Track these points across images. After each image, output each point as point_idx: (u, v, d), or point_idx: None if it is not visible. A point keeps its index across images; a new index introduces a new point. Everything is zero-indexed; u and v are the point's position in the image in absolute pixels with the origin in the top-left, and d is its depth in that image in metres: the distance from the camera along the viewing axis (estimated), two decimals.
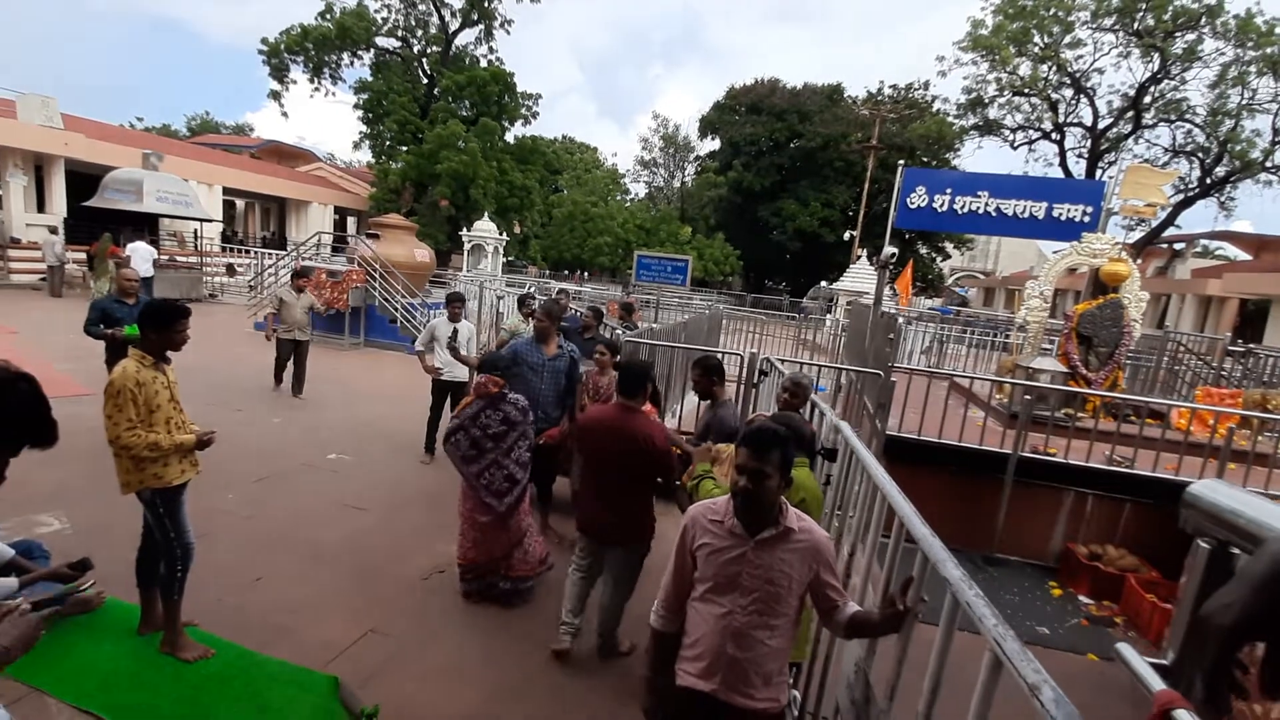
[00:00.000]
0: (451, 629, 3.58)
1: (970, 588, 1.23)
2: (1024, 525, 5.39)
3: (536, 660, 3.39)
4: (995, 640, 1.07)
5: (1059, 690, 0.93)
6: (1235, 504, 0.71)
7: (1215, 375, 9.28)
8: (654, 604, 1.99)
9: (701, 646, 1.81)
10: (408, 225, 16.28)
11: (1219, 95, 18.24)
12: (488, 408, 3.77)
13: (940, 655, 1.36)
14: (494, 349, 5.67)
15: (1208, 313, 23.78)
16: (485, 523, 3.78)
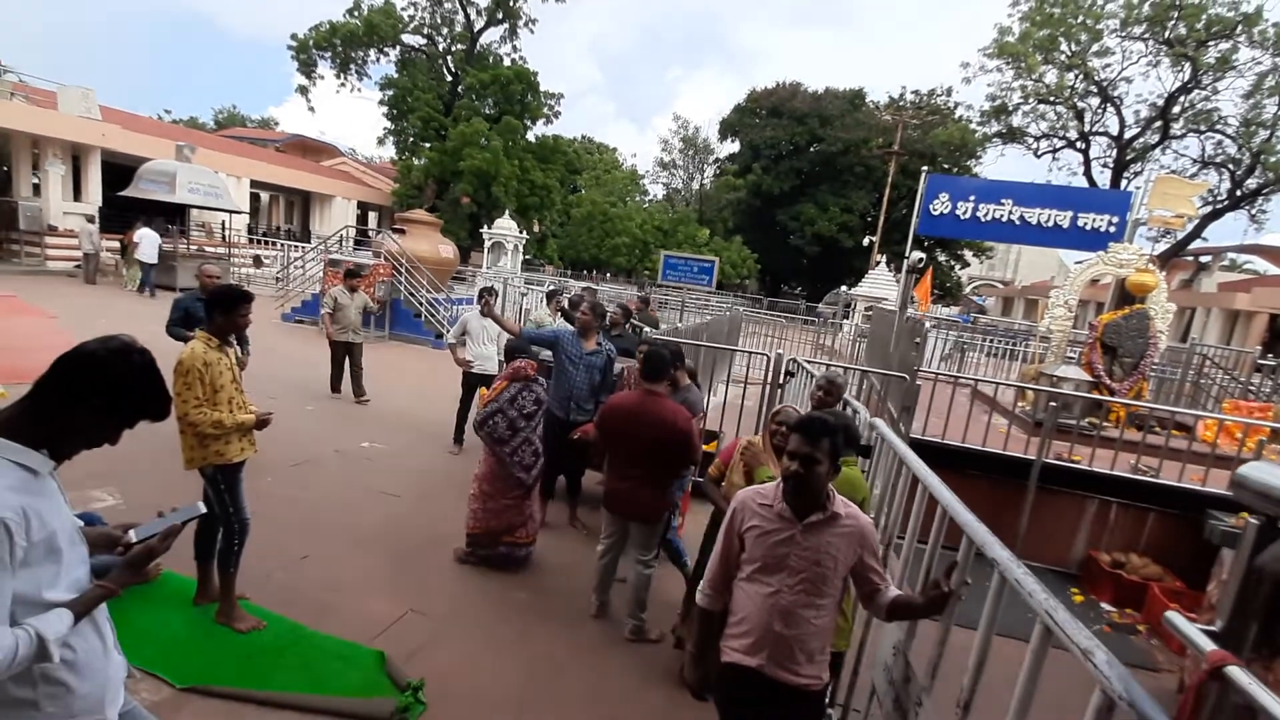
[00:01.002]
0: (487, 610, 3.70)
1: (1019, 566, 1.32)
2: (1046, 531, 5.42)
3: (569, 641, 3.51)
4: (1047, 611, 1.16)
5: (1110, 654, 1.02)
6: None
7: (1243, 389, 9.21)
8: (700, 584, 2.09)
9: (749, 624, 1.91)
10: (433, 221, 16.53)
11: (1254, 105, 17.99)
12: (524, 390, 4.00)
13: (987, 630, 1.45)
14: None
15: (1234, 327, 23.43)
16: (511, 497, 4.02)
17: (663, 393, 3.46)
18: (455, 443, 6.46)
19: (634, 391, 3.57)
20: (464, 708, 2.92)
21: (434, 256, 14.85)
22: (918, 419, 5.62)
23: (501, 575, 4.14)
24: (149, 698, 2.75)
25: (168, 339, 4.77)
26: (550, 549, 4.60)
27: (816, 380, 3.32)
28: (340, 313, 7.62)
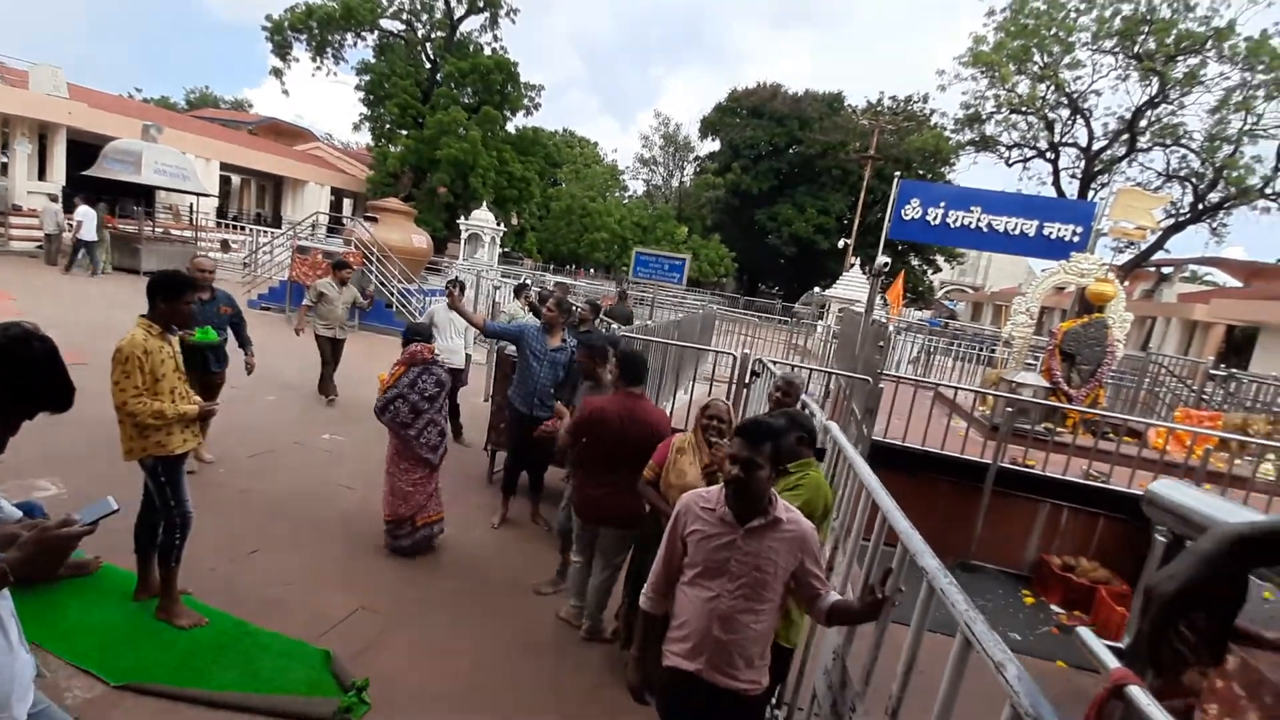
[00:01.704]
0: (440, 608, 3.66)
1: (945, 576, 1.33)
2: (1000, 534, 5.53)
3: (523, 639, 3.48)
4: (965, 623, 1.17)
5: (1022, 668, 1.02)
6: (1189, 500, 0.78)
7: (1196, 398, 9.50)
8: (644, 586, 2.08)
9: (689, 628, 1.90)
10: (406, 210, 16.27)
11: (1219, 120, 18.52)
12: (423, 373, 4.10)
13: (915, 637, 1.46)
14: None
15: (1192, 337, 24.18)
16: (418, 478, 4.13)
17: (643, 394, 3.45)
18: None
19: (613, 395, 3.52)
20: (411, 707, 2.88)
21: (406, 246, 14.63)
22: (881, 421, 5.69)
23: (459, 570, 4.10)
24: (82, 695, 2.66)
25: (125, 325, 4.58)
26: (510, 545, 4.57)
27: (774, 381, 3.33)
28: (326, 306, 7.08)
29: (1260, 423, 6.55)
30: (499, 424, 5.47)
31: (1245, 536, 0.69)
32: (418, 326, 4.41)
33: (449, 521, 4.40)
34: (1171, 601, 0.69)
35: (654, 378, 7.22)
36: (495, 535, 4.70)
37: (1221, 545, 0.69)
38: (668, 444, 2.92)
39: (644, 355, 3.58)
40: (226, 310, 4.99)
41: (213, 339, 4.63)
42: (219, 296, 4.95)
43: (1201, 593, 0.67)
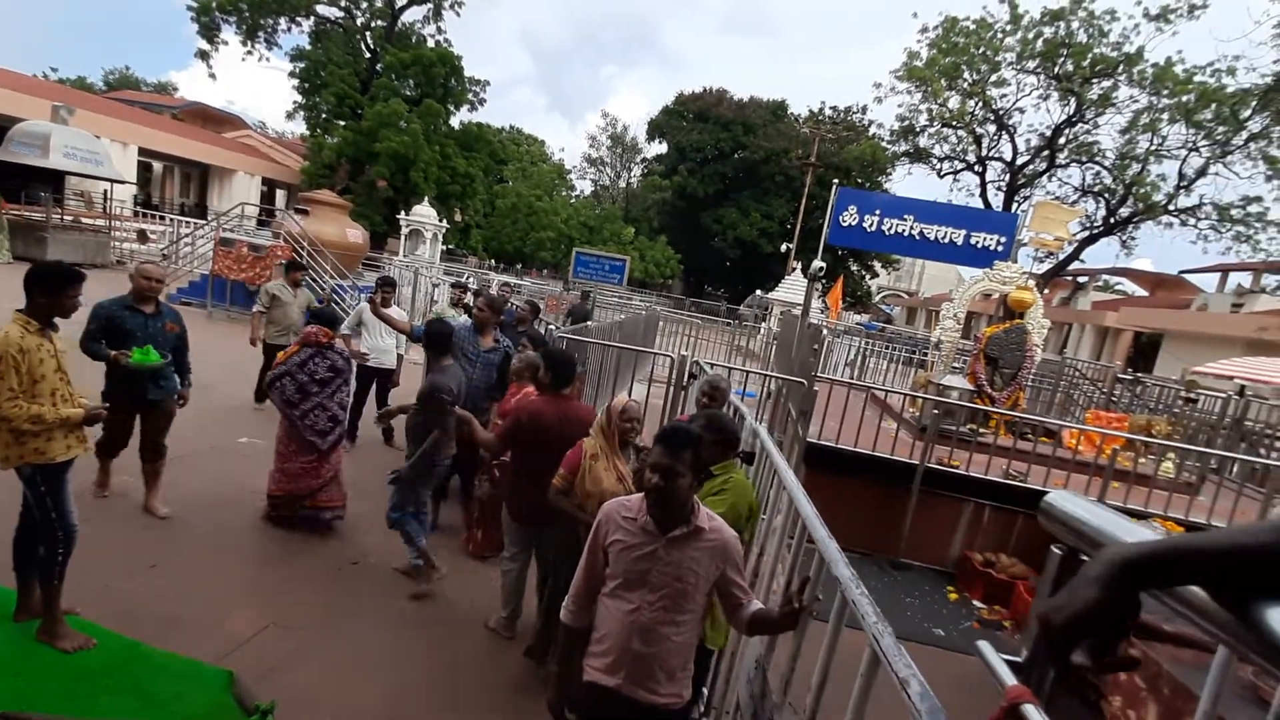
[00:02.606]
0: (359, 622, 3.48)
1: (857, 586, 1.31)
2: (927, 532, 5.71)
3: (452, 655, 3.34)
4: (873, 636, 1.15)
5: (926, 685, 1.01)
6: (1082, 513, 0.79)
7: (1106, 400, 10.10)
8: (564, 599, 2.01)
9: (609, 642, 1.84)
10: (341, 203, 15.70)
11: (1129, 140, 19.83)
12: (315, 355, 4.11)
13: (829, 649, 1.44)
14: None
15: (1104, 343, 25.82)
16: (305, 460, 4.15)
17: (574, 395, 3.39)
18: (347, 439, 6.09)
19: (544, 398, 3.44)
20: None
21: (341, 241, 14.11)
22: (816, 423, 5.79)
23: (381, 582, 3.92)
24: None
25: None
26: (439, 554, 4.39)
27: (700, 385, 3.31)
28: (279, 311, 6.50)
29: (1162, 424, 7.00)
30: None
31: (1133, 561, 0.68)
32: (320, 310, 4.40)
33: (376, 530, 4.21)
34: (1064, 630, 0.67)
35: (594, 379, 7.15)
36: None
37: (1111, 571, 0.68)
38: (578, 450, 2.80)
39: (573, 356, 3.50)
40: (173, 328, 4.19)
41: (155, 361, 3.89)
42: (165, 312, 4.17)
43: (1092, 620, 0.66)
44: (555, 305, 16.57)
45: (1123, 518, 0.87)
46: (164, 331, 4.12)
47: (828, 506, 5.77)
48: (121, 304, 3.97)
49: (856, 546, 5.77)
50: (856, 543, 5.77)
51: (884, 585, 5.41)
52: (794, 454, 5.55)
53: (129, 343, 3.85)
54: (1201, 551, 0.67)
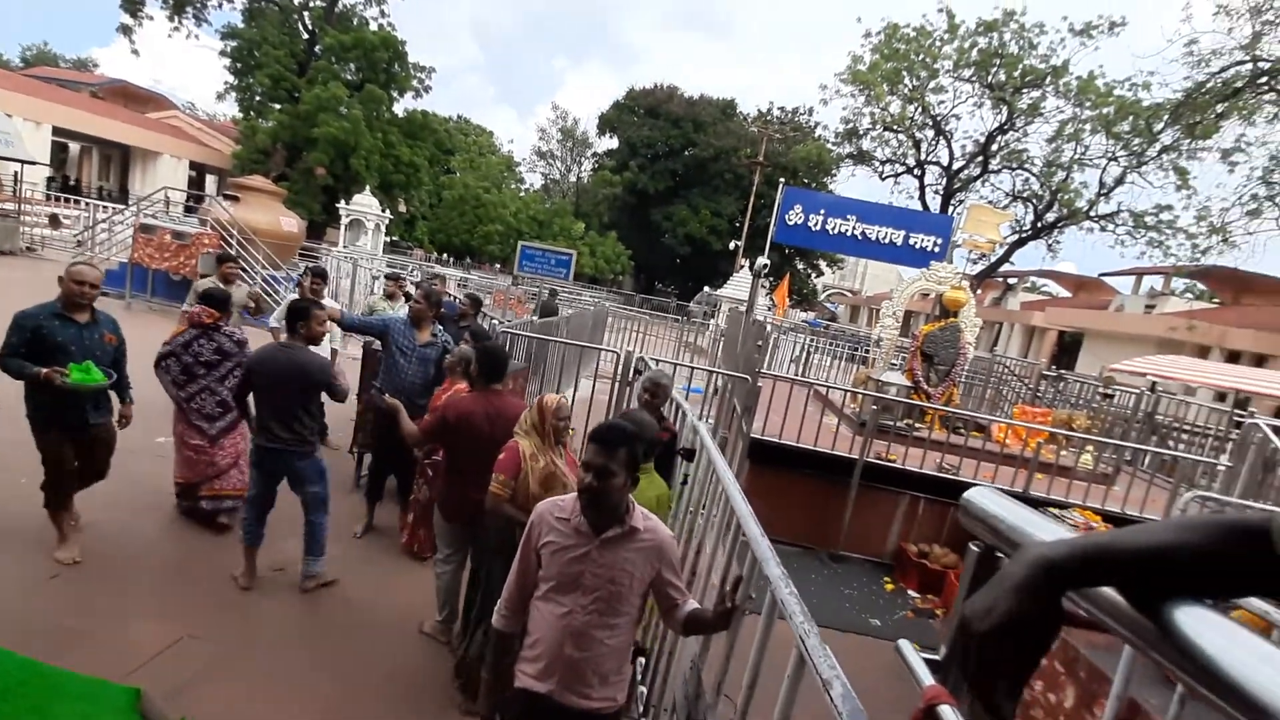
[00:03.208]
0: (283, 631, 3.31)
1: (786, 586, 1.29)
2: (866, 525, 5.85)
3: (378, 663, 3.21)
4: (799, 636, 1.13)
5: (848, 687, 0.99)
6: (999, 510, 0.79)
7: (1032, 396, 10.60)
8: (497, 604, 1.95)
9: (541, 647, 1.79)
10: (274, 190, 14.99)
11: (1055, 149, 20.90)
12: (200, 337, 4.02)
13: (759, 649, 1.42)
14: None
15: (1032, 341, 27.18)
16: (195, 445, 4.07)
17: (511, 391, 3.30)
18: None
19: (475, 395, 3.34)
20: None
21: (274, 230, 13.46)
22: (760, 418, 5.85)
23: (300, 590, 3.73)
24: None
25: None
26: (374, 557, 4.24)
27: (642, 381, 3.27)
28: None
29: (1081, 418, 7.39)
30: (365, 425, 5.09)
31: (1055, 563, 0.66)
32: (210, 291, 4.28)
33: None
34: (989, 638, 0.64)
35: (540, 374, 7.04)
36: (358, 547, 4.35)
37: (1033, 574, 0.66)
38: (514, 453, 2.68)
39: (504, 350, 3.42)
40: (111, 339, 3.60)
41: (97, 380, 3.37)
42: (101, 320, 3.57)
43: (1019, 626, 0.63)
44: (503, 300, 16.29)
45: (1038, 515, 0.87)
46: (103, 344, 3.53)
47: (771, 501, 5.83)
48: (49, 312, 3.35)
49: (799, 540, 5.87)
50: (799, 536, 5.87)
51: (824, 578, 5.51)
52: (738, 449, 5.60)
53: (62, 359, 3.28)
54: (1122, 551, 0.66)
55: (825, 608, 4.93)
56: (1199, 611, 0.59)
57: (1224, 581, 0.69)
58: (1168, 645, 0.59)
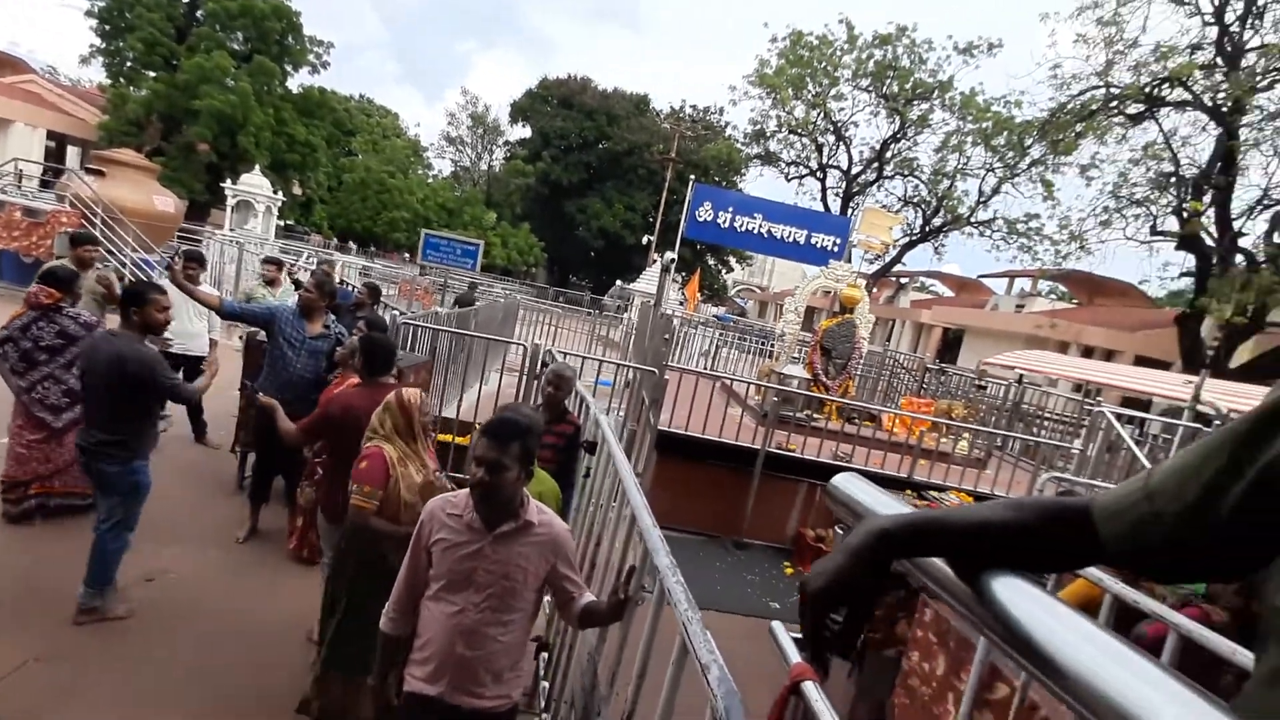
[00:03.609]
0: (147, 650, 3.03)
1: (674, 574, 1.33)
2: (768, 512, 6.10)
3: (261, 673, 3.00)
4: (682, 624, 1.17)
5: (725, 669, 1.03)
6: (859, 494, 0.86)
7: (918, 387, 11.40)
8: (385, 607, 1.87)
9: (431, 648, 1.74)
10: (147, 165, 13.67)
11: (941, 158, 22.50)
12: (40, 319, 3.73)
13: (648, 638, 1.45)
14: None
15: (920, 337, 29.21)
16: (36, 440, 3.77)
17: (392, 383, 3.14)
18: None
19: (361, 389, 3.19)
20: None
21: (146, 209, 12.28)
22: (668, 411, 5.95)
23: (188, 598, 3.45)
24: None
25: None
26: (259, 564, 3.96)
27: (545, 375, 3.25)
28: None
29: (959, 408, 8.02)
30: (249, 421, 4.74)
31: (888, 531, 0.73)
32: (52, 269, 3.97)
33: (181, 539, 3.71)
34: (819, 597, 0.70)
35: (445, 368, 6.82)
36: (241, 553, 4.05)
37: (867, 540, 0.72)
38: (380, 460, 2.41)
39: (390, 341, 3.29)
40: None
41: None
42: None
43: (846, 585, 0.70)
44: (409, 290, 15.63)
45: (892, 497, 0.93)
46: None
47: (678, 492, 5.93)
48: None
49: (705, 529, 6.03)
50: (705, 525, 6.03)
51: (728, 565, 5.70)
52: (646, 441, 5.67)
53: None
54: (948, 524, 0.74)
55: (729, 593, 5.09)
56: (1010, 580, 0.66)
57: (1043, 556, 0.77)
58: (983, 609, 0.65)
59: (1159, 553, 0.66)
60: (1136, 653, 0.53)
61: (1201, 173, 14.51)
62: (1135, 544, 0.67)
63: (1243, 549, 0.62)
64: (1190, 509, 0.63)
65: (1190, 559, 0.66)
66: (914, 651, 3.18)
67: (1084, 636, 0.56)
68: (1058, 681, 0.55)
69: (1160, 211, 15.59)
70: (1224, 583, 2.78)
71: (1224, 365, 13.11)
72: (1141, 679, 0.50)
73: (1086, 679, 0.52)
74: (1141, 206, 15.86)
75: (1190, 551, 0.64)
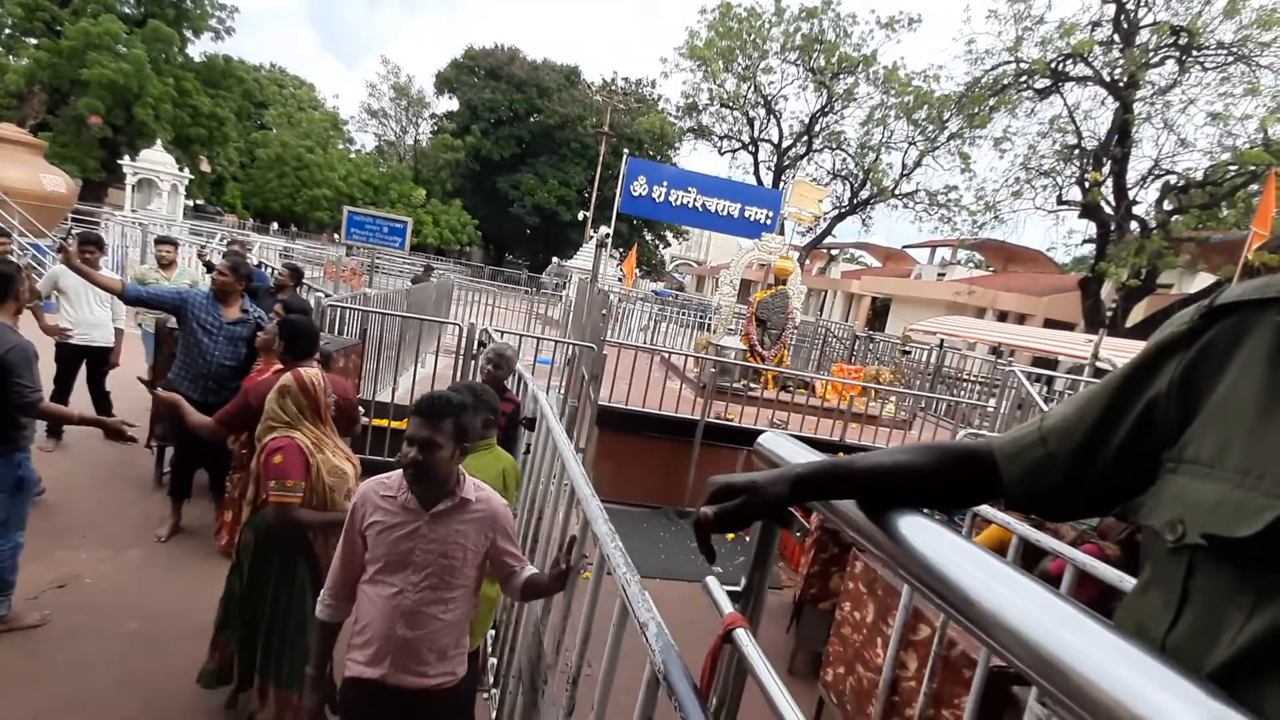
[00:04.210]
0: (69, 660, 2.87)
1: (612, 540, 1.36)
2: (709, 481, 6.25)
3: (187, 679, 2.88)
4: (621, 586, 1.20)
5: (663, 626, 1.07)
6: (783, 451, 0.92)
7: (849, 355, 11.86)
8: (320, 593, 1.84)
9: (371, 632, 1.72)
10: (32, 141, 12.49)
11: (866, 132, 23.11)
12: None
13: (590, 603, 1.49)
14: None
15: (851, 306, 30.25)
16: None
17: (314, 366, 3.03)
18: (49, 435, 4.94)
19: (278, 376, 3.08)
20: None
21: (33, 189, 11.25)
22: (607, 386, 5.98)
23: (108, 604, 3.26)
24: None
25: None
26: (182, 563, 3.79)
27: (485, 354, 3.21)
28: None
29: (886, 373, 8.40)
30: (164, 415, 4.48)
31: (801, 476, 0.82)
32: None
33: (90, 543, 3.49)
34: (719, 491, 0.82)
35: (378, 351, 6.61)
36: (162, 552, 3.86)
37: (778, 481, 0.80)
38: (296, 451, 2.27)
39: (312, 323, 3.15)
40: None
41: None
42: None
43: (745, 500, 0.79)
44: (334, 272, 14.96)
45: (814, 453, 0.99)
46: None
47: (621, 465, 6.00)
48: None
49: (648, 500, 6.13)
50: (648, 496, 6.13)
51: (672, 534, 5.83)
52: (587, 416, 5.70)
53: None
54: (853, 469, 0.81)
55: (673, 561, 5.22)
56: (913, 518, 0.72)
57: (944, 494, 0.85)
58: (891, 545, 0.71)
59: (1052, 491, 0.73)
60: (1024, 576, 0.60)
61: (1101, 145, 15.50)
62: (1031, 484, 0.75)
63: (1123, 482, 0.70)
64: (1080, 447, 0.70)
65: (1078, 494, 0.73)
66: (845, 602, 3.37)
67: (976, 564, 0.62)
68: (962, 610, 0.61)
69: (1065, 182, 16.60)
70: (1102, 516, 3.07)
71: (1121, 325, 14.23)
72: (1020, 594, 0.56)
73: (985, 605, 0.58)
74: (1049, 177, 16.83)
75: (1079, 486, 0.72)
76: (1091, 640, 0.48)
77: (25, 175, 11.35)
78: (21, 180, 11.11)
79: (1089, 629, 0.50)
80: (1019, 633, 0.52)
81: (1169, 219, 14.15)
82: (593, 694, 1.30)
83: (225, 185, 34.43)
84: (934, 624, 2.60)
